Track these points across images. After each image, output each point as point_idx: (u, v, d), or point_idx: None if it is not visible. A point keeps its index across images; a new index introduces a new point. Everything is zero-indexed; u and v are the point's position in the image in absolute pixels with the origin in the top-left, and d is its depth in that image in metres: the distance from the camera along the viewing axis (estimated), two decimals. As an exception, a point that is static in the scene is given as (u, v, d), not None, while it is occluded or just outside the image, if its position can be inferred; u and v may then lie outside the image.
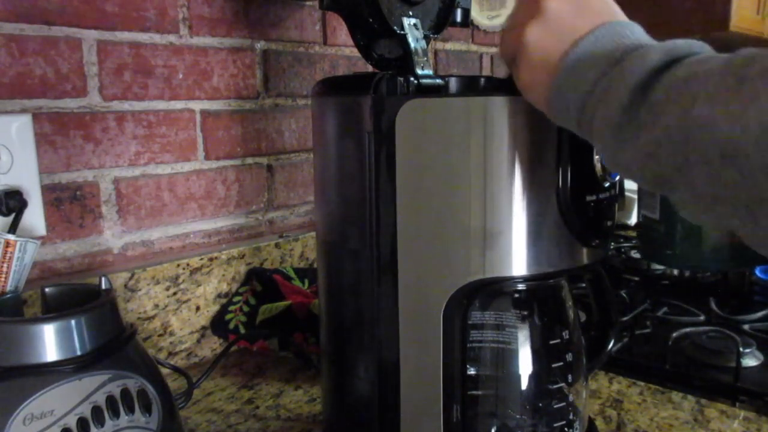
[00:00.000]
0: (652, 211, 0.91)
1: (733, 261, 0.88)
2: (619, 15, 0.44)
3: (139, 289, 0.77)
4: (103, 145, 0.76)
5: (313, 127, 0.58)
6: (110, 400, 0.50)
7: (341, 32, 1.02)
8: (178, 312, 0.81)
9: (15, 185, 0.68)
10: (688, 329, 0.87)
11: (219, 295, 0.86)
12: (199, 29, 0.84)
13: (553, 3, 0.43)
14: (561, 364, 0.54)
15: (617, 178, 0.52)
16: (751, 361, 0.79)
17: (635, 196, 1.49)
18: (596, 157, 0.48)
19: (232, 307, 0.86)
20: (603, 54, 0.40)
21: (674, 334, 0.83)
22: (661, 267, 1.09)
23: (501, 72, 1.43)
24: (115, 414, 0.49)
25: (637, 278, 1.11)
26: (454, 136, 0.46)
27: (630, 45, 0.40)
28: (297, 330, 0.82)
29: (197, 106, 0.85)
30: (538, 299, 0.56)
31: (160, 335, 0.79)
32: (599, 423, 0.66)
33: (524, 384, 0.55)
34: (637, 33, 0.41)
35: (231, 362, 0.83)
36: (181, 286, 0.81)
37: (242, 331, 0.84)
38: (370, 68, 0.63)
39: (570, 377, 0.54)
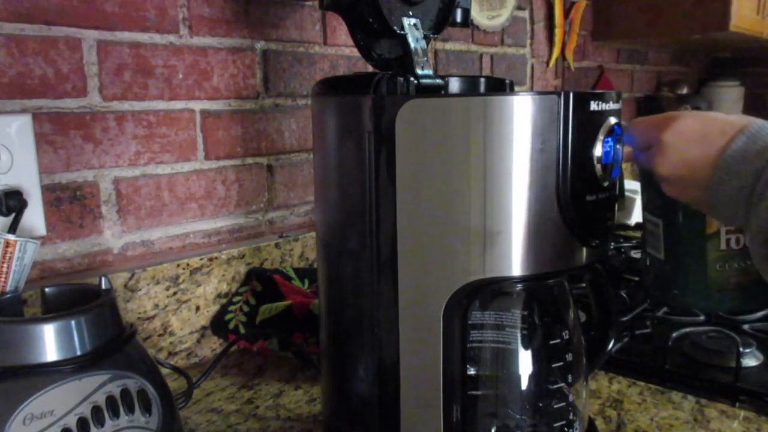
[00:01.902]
0: (657, 251, 0.90)
1: (740, 300, 0.88)
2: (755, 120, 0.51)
3: (139, 289, 0.77)
4: (103, 145, 0.76)
5: (313, 127, 0.58)
6: (110, 400, 0.50)
7: (341, 32, 1.02)
8: (178, 312, 0.81)
9: (15, 185, 0.68)
10: (688, 329, 0.87)
11: (219, 295, 0.86)
12: (199, 29, 0.84)
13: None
14: (561, 364, 0.54)
15: (617, 177, 0.52)
16: (751, 361, 0.79)
17: (635, 196, 1.49)
18: (596, 157, 0.48)
19: (232, 307, 0.86)
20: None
21: (674, 334, 0.83)
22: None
23: (501, 72, 1.43)
24: (115, 414, 0.49)
25: (637, 278, 1.11)
26: (454, 136, 0.46)
27: None
28: (297, 330, 0.82)
29: (197, 106, 0.85)
30: (538, 299, 0.56)
31: (160, 335, 0.79)
32: (599, 423, 0.66)
33: (524, 384, 0.55)
34: None
35: (231, 362, 0.83)
36: (181, 286, 0.81)
37: (242, 331, 0.84)
38: (370, 68, 0.63)
39: (570, 377, 0.54)
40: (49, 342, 0.49)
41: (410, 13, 0.58)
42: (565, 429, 0.54)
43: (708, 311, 0.93)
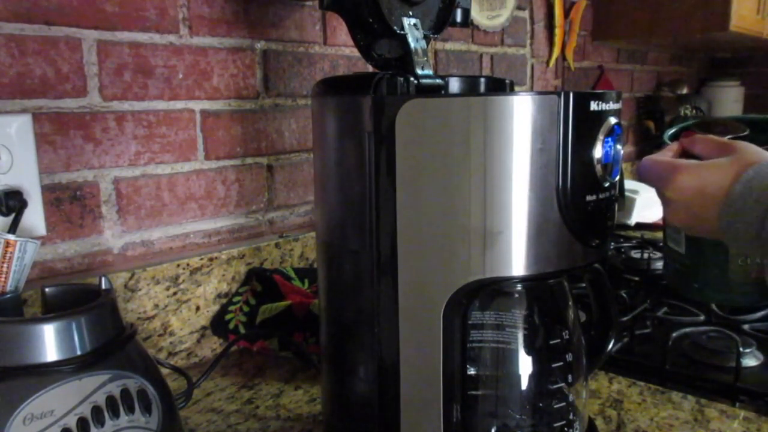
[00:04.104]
0: (678, 245, 0.90)
1: (760, 294, 0.88)
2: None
3: (139, 289, 0.77)
4: (103, 145, 0.76)
5: (313, 127, 0.58)
6: (110, 400, 0.50)
7: (341, 32, 1.02)
8: (178, 312, 0.81)
9: (15, 185, 0.68)
10: (688, 329, 0.87)
11: (219, 295, 0.86)
12: (199, 29, 0.84)
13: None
14: (561, 364, 0.54)
15: (617, 177, 0.52)
16: (751, 361, 0.79)
17: (635, 196, 1.49)
18: (596, 157, 0.48)
19: (232, 307, 0.86)
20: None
21: (674, 334, 0.83)
22: (662, 268, 1.09)
23: (501, 72, 1.43)
24: (115, 414, 0.49)
25: (637, 278, 1.11)
26: (454, 136, 0.46)
27: None
28: (297, 330, 0.82)
29: (197, 106, 0.85)
30: (538, 299, 0.56)
31: (160, 335, 0.79)
32: (599, 423, 0.66)
33: (524, 384, 0.55)
34: None
35: (231, 362, 0.83)
36: (181, 286, 0.81)
37: (242, 331, 0.84)
38: (370, 68, 0.63)
39: (570, 377, 0.54)
40: (49, 342, 0.49)
41: (410, 13, 0.58)
42: (565, 429, 0.54)
43: (727, 305, 0.93)
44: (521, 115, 0.45)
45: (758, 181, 0.50)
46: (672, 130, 0.95)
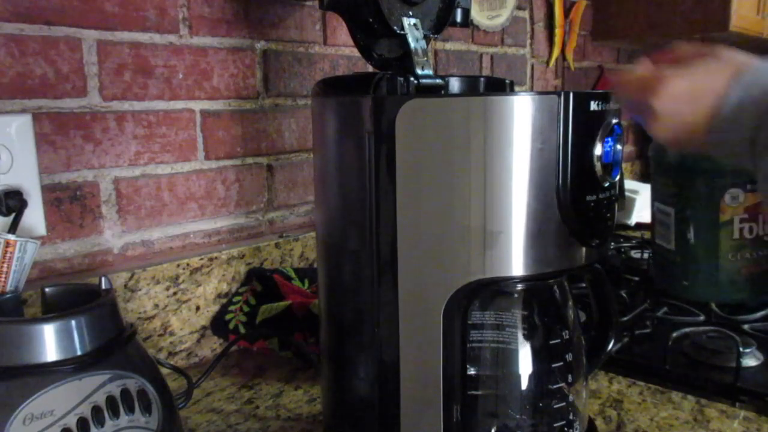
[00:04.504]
0: (667, 242, 0.89)
1: (751, 292, 0.87)
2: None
3: (139, 289, 0.77)
4: (103, 145, 0.76)
5: (313, 127, 0.58)
6: (110, 400, 0.50)
7: (341, 32, 1.02)
8: (178, 312, 0.81)
9: (15, 185, 0.68)
10: (688, 329, 0.87)
11: (219, 295, 0.86)
12: (199, 29, 0.84)
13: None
14: (561, 364, 0.54)
15: (617, 177, 0.52)
16: (751, 361, 0.79)
17: (635, 196, 1.49)
18: (596, 157, 0.48)
19: (232, 307, 0.86)
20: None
21: (674, 334, 0.83)
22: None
23: (501, 72, 1.43)
24: (115, 414, 0.49)
25: (637, 278, 1.11)
26: (454, 136, 0.46)
27: None
28: (297, 330, 0.82)
29: (197, 106, 0.85)
30: (538, 299, 0.56)
31: (160, 335, 0.79)
32: (599, 423, 0.66)
33: (524, 384, 0.54)
34: None
35: (231, 362, 0.83)
36: (181, 286, 0.81)
37: (242, 331, 0.84)
38: (370, 68, 0.63)
39: (570, 377, 0.54)
40: (49, 342, 0.49)
41: (410, 13, 0.58)
42: (565, 429, 0.54)
43: (717, 302, 0.92)
44: (521, 115, 0.45)
45: (755, 84, 0.47)
46: None
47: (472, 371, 0.53)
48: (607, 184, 0.50)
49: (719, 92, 0.47)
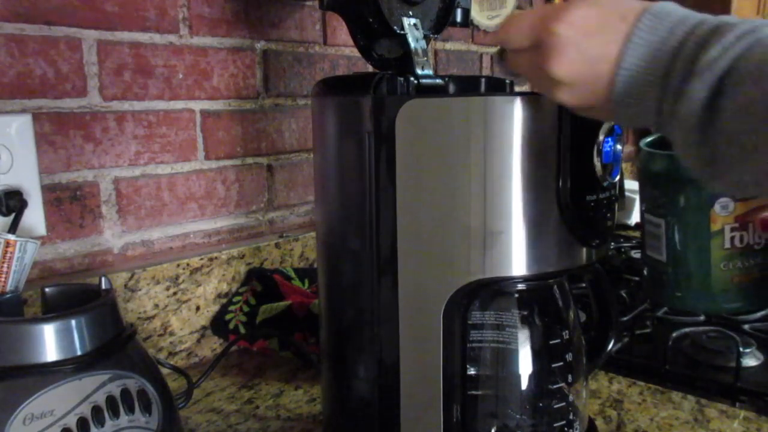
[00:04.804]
0: (659, 254, 0.89)
1: (742, 302, 0.87)
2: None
3: (139, 289, 0.77)
4: (103, 145, 0.76)
5: (313, 127, 0.58)
6: (110, 400, 0.50)
7: (341, 32, 1.02)
8: (178, 312, 0.81)
9: (15, 185, 0.68)
10: (688, 329, 0.87)
11: (219, 295, 0.86)
12: (199, 29, 0.84)
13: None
14: (561, 364, 0.54)
15: (617, 177, 0.52)
16: (751, 361, 0.79)
17: (635, 196, 1.49)
18: (596, 157, 0.48)
19: (232, 307, 0.86)
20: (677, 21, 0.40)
21: (674, 334, 0.83)
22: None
23: (500, 72, 1.43)
24: (115, 414, 0.49)
25: (637, 278, 1.11)
26: (454, 136, 0.46)
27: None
28: (297, 330, 0.82)
29: (197, 106, 0.85)
30: (538, 299, 0.56)
31: (160, 335, 0.79)
32: (599, 423, 0.66)
33: (524, 384, 0.54)
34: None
35: (231, 362, 0.83)
36: (181, 286, 0.81)
37: (242, 331, 0.84)
38: (370, 68, 0.63)
39: (570, 377, 0.54)
40: (49, 342, 0.49)
41: (410, 13, 0.58)
42: (565, 429, 0.54)
43: (709, 313, 0.92)
44: (521, 115, 0.45)
45: (668, 14, 0.41)
46: (649, 138, 0.95)
47: (472, 371, 0.53)
48: (607, 184, 0.50)
49: (629, 21, 0.41)
